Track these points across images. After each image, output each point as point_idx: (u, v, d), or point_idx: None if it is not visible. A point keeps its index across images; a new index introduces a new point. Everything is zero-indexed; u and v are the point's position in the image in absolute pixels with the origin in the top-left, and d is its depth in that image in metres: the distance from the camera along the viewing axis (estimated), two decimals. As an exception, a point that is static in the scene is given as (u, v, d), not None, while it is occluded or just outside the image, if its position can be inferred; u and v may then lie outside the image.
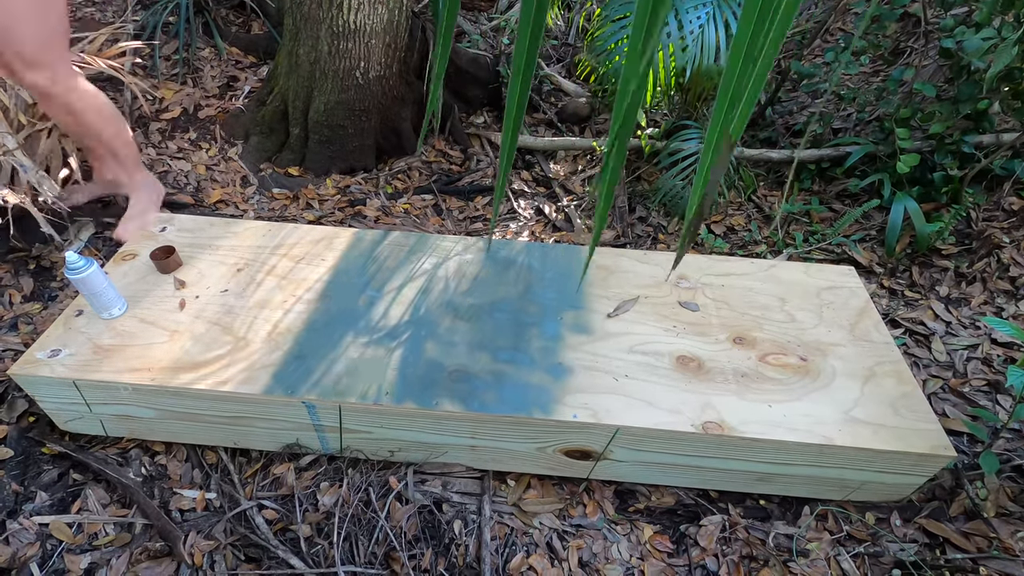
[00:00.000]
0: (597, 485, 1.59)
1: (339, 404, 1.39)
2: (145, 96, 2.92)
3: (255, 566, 1.40)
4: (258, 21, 3.57)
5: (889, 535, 1.50)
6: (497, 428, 1.42)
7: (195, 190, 2.64)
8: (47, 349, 1.45)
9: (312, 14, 2.43)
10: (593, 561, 1.45)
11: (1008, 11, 2.08)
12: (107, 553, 1.39)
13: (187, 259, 1.74)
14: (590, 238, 2.49)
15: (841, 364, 1.55)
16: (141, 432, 1.57)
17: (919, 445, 1.37)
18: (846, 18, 3.65)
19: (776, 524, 1.52)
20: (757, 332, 1.63)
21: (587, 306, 1.67)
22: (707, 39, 2.21)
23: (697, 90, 2.63)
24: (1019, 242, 2.31)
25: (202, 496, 1.52)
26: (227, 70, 3.23)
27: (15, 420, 1.61)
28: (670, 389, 1.45)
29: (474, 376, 1.46)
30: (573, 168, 2.90)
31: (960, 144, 2.35)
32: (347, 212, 2.61)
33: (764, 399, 1.45)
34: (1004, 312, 2.11)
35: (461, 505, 1.53)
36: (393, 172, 2.88)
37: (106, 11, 3.45)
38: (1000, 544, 1.45)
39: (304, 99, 2.68)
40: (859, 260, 2.35)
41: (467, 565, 1.42)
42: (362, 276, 1.71)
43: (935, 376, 1.90)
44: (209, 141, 2.89)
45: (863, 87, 3.04)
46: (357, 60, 2.53)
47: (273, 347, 1.49)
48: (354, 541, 1.44)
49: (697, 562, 1.45)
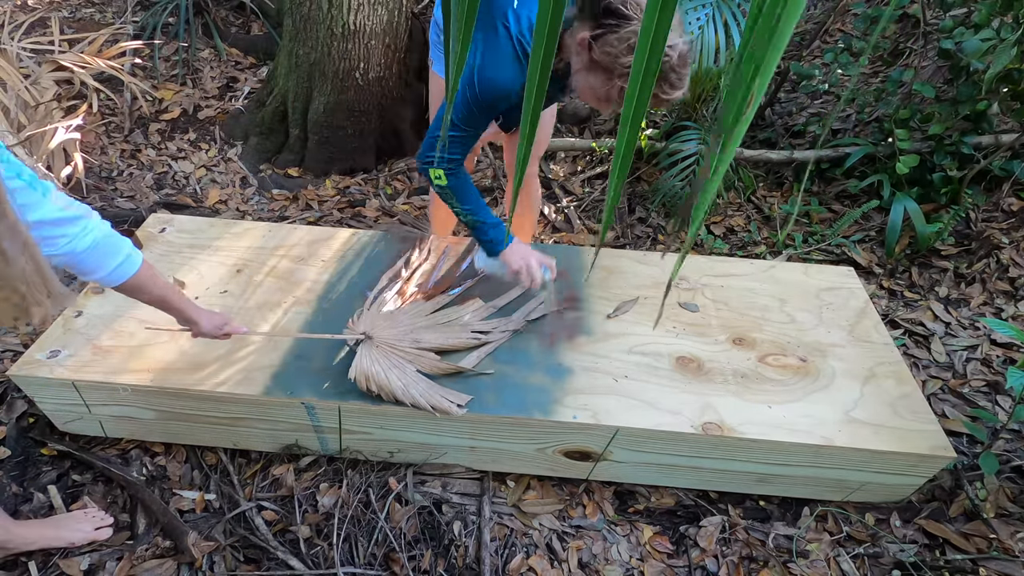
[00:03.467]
0: (597, 486, 1.59)
1: (338, 405, 1.39)
2: (145, 97, 2.92)
3: (254, 567, 1.40)
4: (258, 22, 3.57)
5: (889, 536, 1.49)
6: (497, 429, 1.42)
7: (195, 191, 2.65)
8: (46, 350, 1.45)
9: (312, 15, 2.43)
10: (593, 562, 1.45)
11: (1007, 12, 2.09)
12: (107, 554, 1.39)
13: (187, 260, 1.74)
14: (590, 238, 2.49)
15: (841, 365, 1.55)
16: (140, 433, 1.57)
17: (919, 446, 1.37)
18: (845, 19, 3.65)
19: (776, 525, 1.52)
20: (757, 333, 1.63)
21: (587, 307, 1.67)
22: (707, 40, 2.21)
23: (697, 91, 2.63)
24: (1018, 243, 2.31)
25: (201, 497, 1.51)
26: (227, 71, 3.23)
27: (14, 421, 1.61)
28: (670, 390, 1.45)
29: (474, 377, 1.45)
30: (572, 169, 2.90)
31: (959, 145, 2.36)
32: (347, 213, 2.61)
33: (764, 400, 1.45)
34: (1003, 313, 2.11)
35: (461, 506, 1.53)
36: (393, 173, 2.87)
37: (106, 12, 3.45)
38: (1000, 545, 1.45)
39: (304, 100, 2.68)
40: (859, 261, 2.35)
41: (467, 566, 1.42)
42: (361, 277, 1.71)
43: (935, 377, 1.90)
44: (209, 142, 2.89)
45: (862, 88, 3.05)
46: (357, 61, 2.53)
47: (272, 348, 1.49)
48: (354, 542, 1.43)
49: (697, 563, 1.45)
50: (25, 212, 0.91)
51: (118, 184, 2.58)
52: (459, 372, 1.44)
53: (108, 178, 2.61)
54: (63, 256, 0.99)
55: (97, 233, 1.02)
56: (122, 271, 1.07)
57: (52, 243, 0.97)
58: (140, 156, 2.75)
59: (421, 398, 1.33)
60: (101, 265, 1.04)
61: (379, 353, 1.36)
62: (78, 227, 0.99)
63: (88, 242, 1.00)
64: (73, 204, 1.00)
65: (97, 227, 1.02)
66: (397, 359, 1.38)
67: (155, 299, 1.17)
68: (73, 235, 0.98)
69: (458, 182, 1.39)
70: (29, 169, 0.93)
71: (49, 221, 0.95)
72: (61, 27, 2.98)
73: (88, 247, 1.00)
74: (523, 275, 1.50)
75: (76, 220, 0.99)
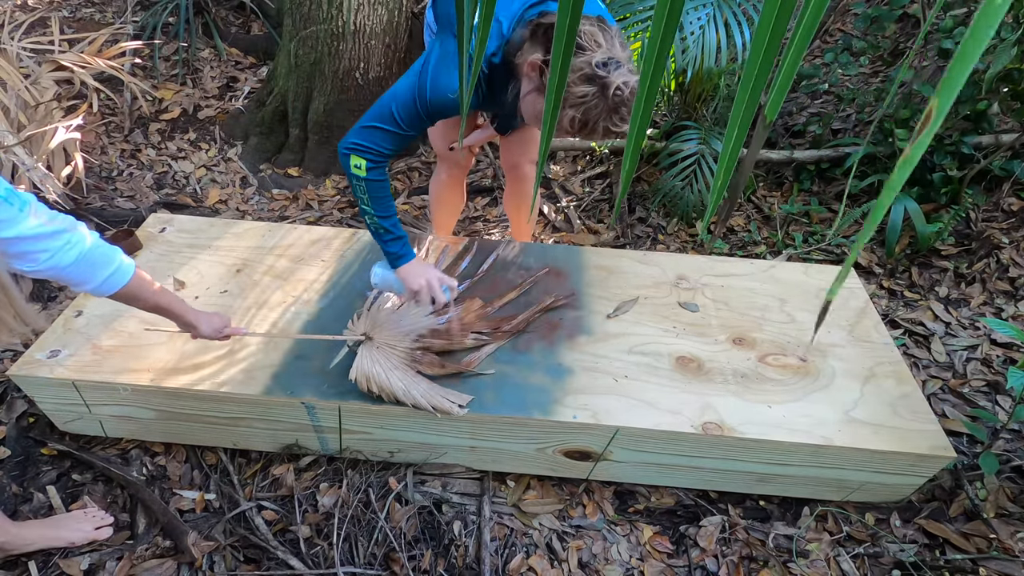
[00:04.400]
0: (597, 486, 1.59)
1: (339, 405, 1.39)
2: (145, 96, 2.92)
3: (254, 567, 1.40)
4: (258, 22, 3.57)
5: (889, 536, 1.49)
6: (497, 429, 1.42)
7: (195, 191, 2.65)
8: (46, 350, 1.45)
9: (312, 15, 2.43)
10: (593, 562, 1.45)
11: (1007, 12, 2.09)
12: (107, 554, 1.39)
13: (187, 260, 1.74)
14: (590, 238, 2.49)
15: (841, 365, 1.55)
16: (140, 433, 1.57)
17: (919, 446, 1.37)
18: (845, 19, 3.65)
19: (776, 525, 1.52)
20: (757, 333, 1.63)
21: (587, 307, 1.67)
22: (707, 40, 2.21)
23: (697, 91, 2.63)
24: (1018, 243, 2.31)
25: (201, 497, 1.51)
26: (227, 71, 3.23)
27: (14, 421, 1.61)
28: (670, 390, 1.45)
29: (474, 377, 1.45)
30: (573, 169, 2.90)
31: (959, 145, 2.36)
32: (347, 213, 2.61)
33: (764, 400, 1.45)
34: (1003, 313, 2.11)
35: (461, 506, 1.53)
36: (392, 173, 2.87)
37: (106, 12, 3.45)
38: (1000, 544, 1.45)
39: (304, 100, 2.69)
40: (859, 261, 2.35)
41: (467, 566, 1.42)
42: (362, 277, 1.71)
43: (935, 377, 1.90)
44: (209, 142, 2.89)
45: (862, 88, 3.04)
46: (357, 61, 2.53)
47: (272, 347, 1.49)
48: (354, 542, 1.43)
49: (697, 563, 1.45)
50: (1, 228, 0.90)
51: (118, 184, 2.59)
52: (459, 372, 1.44)
53: (108, 178, 2.61)
54: (47, 271, 0.98)
55: (83, 246, 1.00)
56: (112, 282, 1.06)
57: (33, 258, 0.95)
58: (140, 156, 2.75)
59: (422, 399, 1.33)
60: (90, 277, 1.03)
61: (380, 354, 1.36)
62: (60, 241, 0.97)
63: (73, 256, 0.99)
64: (56, 218, 0.98)
65: (82, 240, 1.01)
66: (398, 359, 1.38)
67: (151, 307, 1.17)
68: (55, 249, 0.97)
69: (377, 178, 1.34)
70: (6, 183, 0.92)
71: (28, 237, 0.93)
72: (61, 27, 2.98)
73: (73, 261, 0.99)
74: (423, 295, 1.45)
75: (58, 234, 0.97)
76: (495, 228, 2.58)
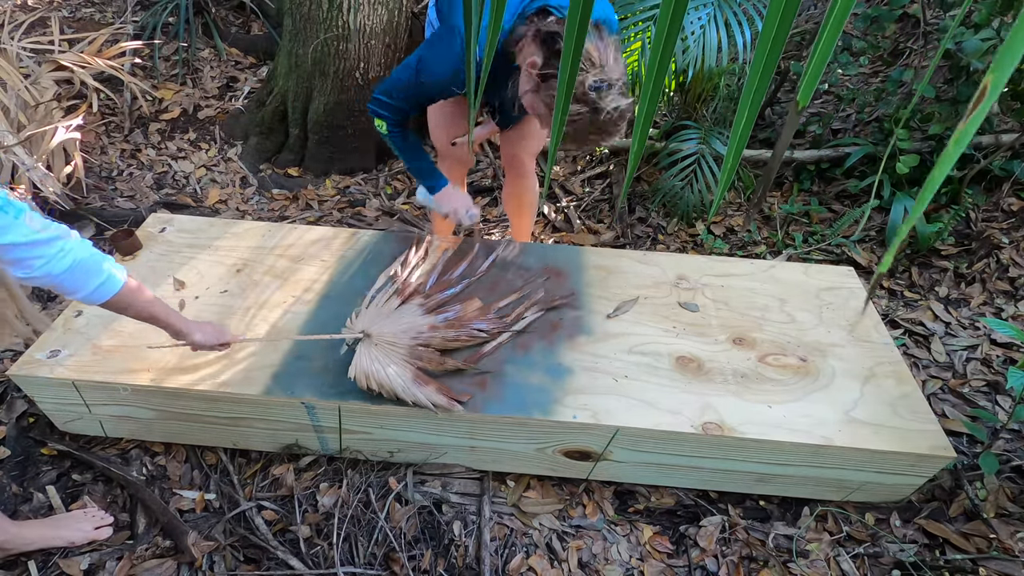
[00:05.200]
0: (597, 486, 1.59)
1: (339, 405, 1.39)
2: (145, 96, 2.92)
3: (254, 567, 1.40)
4: (258, 22, 3.57)
5: (889, 536, 1.49)
6: (497, 429, 1.42)
7: (195, 191, 2.65)
8: (46, 350, 1.45)
9: (312, 15, 2.43)
10: (593, 562, 1.45)
11: (1007, 12, 2.09)
12: (107, 554, 1.39)
13: (187, 260, 1.74)
14: (589, 238, 2.49)
15: (841, 365, 1.55)
16: (140, 433, 1.57)
17: (919, 446, 1.37)
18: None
19: (776, 525, 1.52)
20: (757, 333, 1.63)
21: (587, 307, 1.67)
22: (708, 40, 2.21)
23: (697, 91, 2.63)
24: (1018, 243, 2.31)
25: (201, 497, 1.51)
26: (227, 71, 3.23)
27: (14, 421, 1.61)
28: (670, 390, 1.45)
29: (474, 376, 1.45)
30: (572, 169, 2.90)
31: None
32: (347, 213, 2.61)
33: (764, 400, 1.45)
34: (1003, 313, 2.11)
35: (461, 506, 1.53)
36: (393, 173, 2.88)
37: (106, 12, 3.45)
38: (999, 544, 1.45)
39: (304, 100, 2.69)
40: (858, 261, 2.35)
41: (467, 566, 1.42)
42: (361, 276, 1.71)
43: (934, 377, 1.90)
44: (209, 142, 2.89)
45: (862, 88, 3.04)
46: (357, 61, 2.53)
47: (272, 348, 1.49)
48: (354, 542, 1.43)
49: (697, 563, 1.45)
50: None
51: (118, 184, 2.58)
52: (459, 370, 1.44)
53: (108, 178, 2.61)
54: (41, 278, 0.99)
55: (76, 254, 1.01)
56: (103, 291, 1.06)
57: (27, 265, 0.96)
58: (140, 156, 2.75)
59: (422, 395, 1.34)
60: (82, 285, 1.03)
61: (379, 351, 1.36)
62: (54, 248, 0.98)
63: (67, 263, 0.99)
64: (50, 226, 0.99)
65: (76, 248, 1.02)
66: (398, 357, 1.38)
67: (142, 316, 1.17)
68: (50, 256, 0.98)
69: (396, 134, 1.56)
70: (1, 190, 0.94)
71: (23, 243, 0.94)
72: (61, 27, 2.98)
73: (66, 268, 1.00)
74: (451, 217, 1.70)
75: (52, 241, 0.98)
76: (495, 228, 2.58)
